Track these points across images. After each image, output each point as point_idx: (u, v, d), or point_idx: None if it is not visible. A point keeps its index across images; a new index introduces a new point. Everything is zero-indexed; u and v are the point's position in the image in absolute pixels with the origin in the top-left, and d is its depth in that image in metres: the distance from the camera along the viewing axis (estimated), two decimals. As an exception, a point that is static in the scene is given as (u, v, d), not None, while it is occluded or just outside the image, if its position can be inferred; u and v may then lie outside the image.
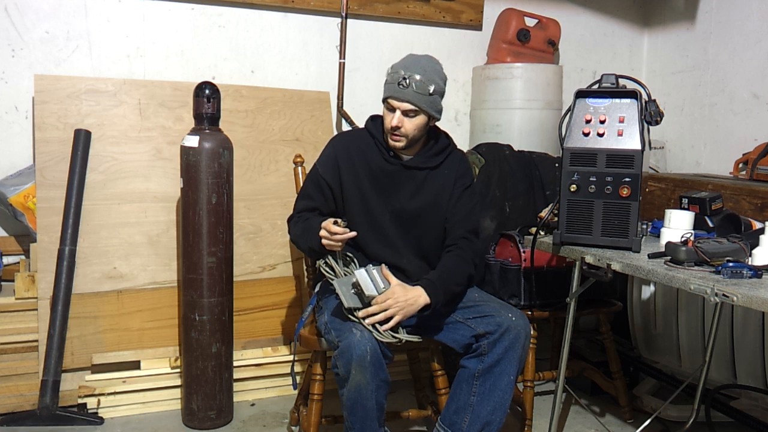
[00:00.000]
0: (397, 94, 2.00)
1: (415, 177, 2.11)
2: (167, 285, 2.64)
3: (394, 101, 2.01)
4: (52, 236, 2.49)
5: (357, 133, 2.21)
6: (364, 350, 1.78)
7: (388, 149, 2.10)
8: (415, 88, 1.99)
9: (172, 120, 2.74)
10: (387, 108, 2.04)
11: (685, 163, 3.48)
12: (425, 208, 2.10)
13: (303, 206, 2.14)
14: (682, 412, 2.52)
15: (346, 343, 1.80)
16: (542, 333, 2.60)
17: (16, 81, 2.69)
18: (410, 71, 2.00)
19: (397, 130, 2.02)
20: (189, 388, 2.43)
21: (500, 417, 1.95)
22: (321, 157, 2.17)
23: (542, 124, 3.17)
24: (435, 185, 2.12)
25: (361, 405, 1.82)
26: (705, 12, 3.39)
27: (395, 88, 2.00)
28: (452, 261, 2.05)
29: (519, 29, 3.25)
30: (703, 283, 1.58)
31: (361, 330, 1.83)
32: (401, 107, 2.01)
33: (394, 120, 2.01)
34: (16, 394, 2.43)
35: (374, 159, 2.11)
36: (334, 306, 1.98)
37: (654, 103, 1.93)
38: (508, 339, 1.91)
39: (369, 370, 1.78)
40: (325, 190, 2.11)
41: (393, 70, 2.04)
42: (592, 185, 1.93)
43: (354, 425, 1.86)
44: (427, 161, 2.12)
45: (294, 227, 2.12)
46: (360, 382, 1.79)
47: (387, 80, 2.05)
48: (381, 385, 1.83)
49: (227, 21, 2.98)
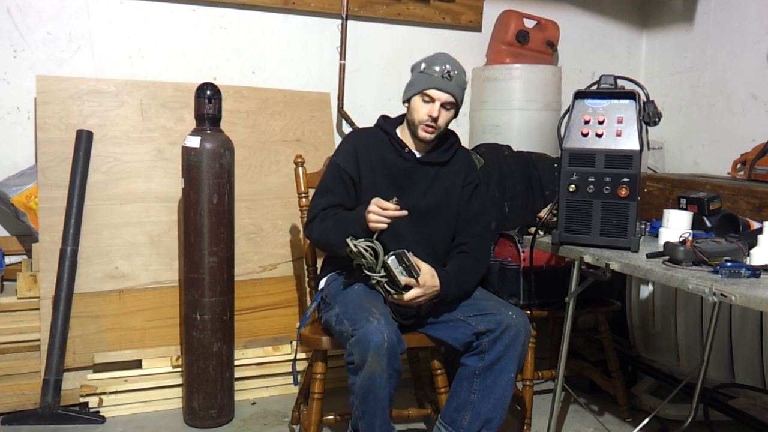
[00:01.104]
0: (442, 86, 2.04)
1: (427, 173, 2.13)
2: (169, 284, 2.65)
3: (435, 92, 2.04)
4: (54, 236, 2.50)
5: (371, 131, 2.22)
6: (382, 338, 1.78)
7: (403, 146, 2.13)
8: (457, 82, 2.07)
9: (174, 120, 2.75)
10: (423, 100, 2.06)
11: (684, 163, 3.49)
12: (437, 205, 2.13)
13: (326, 202, 2.11)
14: (680, 410, 2.53)
15: (363, 331, 1.80)
16: (541, 332, 2.61)
17: (19, 82, 2.70)
18: (450, 65, 2.07)
19: (434, 122, 2.06)
20: (190, 387, 2.44)
21: (501, 414, 1.96)
22: (339, 152, 2.17)
23: (541, 125, 3.18)
24: (445, 182, 2.16)
25: (373, 394, 1.82)
26: (703, 13, 3.40)
27: (439, 80, 2.04)
28: (470, 263, 2.10)
29: (518, 30, 3.26)
30: (702, 283, 1.59)
31: (377, 319, 1.82)
32: (442, 98, 2.05)
33: (434, 111, 2.05)
34: (18, 393, 2.44)
35: (390, 156, 2.13)
36: (347, 297, 1.99)
37: (652, 104, 1.94)
38: (508, 336, 1.93)
39: (385, 357, 1.78)
40: (348, 183, 2.11)
41: (428, 64, 2.08)
42: (591, 185, 1.94)
43: (365, 414, 1.85)
44: (438, 157, 2.16)
45: (320, 224, 2.07)
46: (375, 369, 1.79)
47: (421, 72, 2.08)
48: (393, 375, 1.83)
49: (228, 22, 3.00)
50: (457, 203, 2.17)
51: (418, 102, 2.08)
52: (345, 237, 1.93)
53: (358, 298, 1.97)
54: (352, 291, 2.03)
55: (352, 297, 1.99)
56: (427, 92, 2.06)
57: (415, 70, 2.13)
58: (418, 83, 2.08)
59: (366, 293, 2.00)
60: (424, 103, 2.07)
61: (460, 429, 1.97)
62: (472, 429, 1.95)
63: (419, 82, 2.08)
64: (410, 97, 2.11)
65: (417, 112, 2.08)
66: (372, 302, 1.94)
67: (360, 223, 1.94)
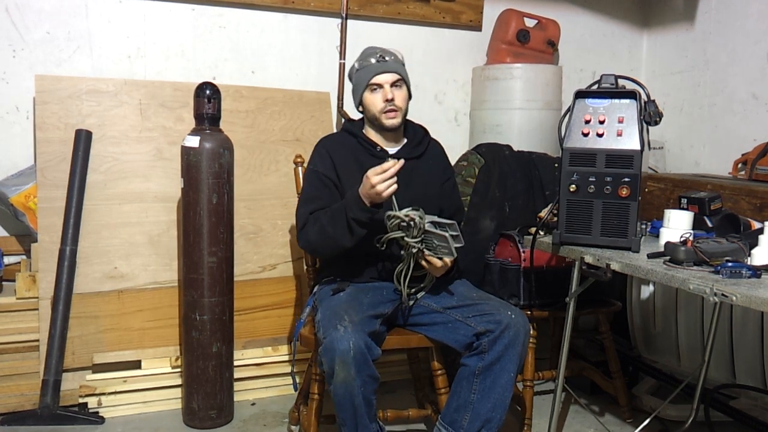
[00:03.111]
0: (381, 69, 2.09)
1: (403, 168, 2.05)
2: (168, 285, 2.64)
3: (379, 77, 2.09)
4: (53, 236, 2.49)
5: (339, 137, 2.25)
6: (347, 346, 1.77)
7: (374, 145, 2.15)
8: (394, 60, 2.12)
9: (173, 120, 2.74)
10: (372, 90, 2.10)
11: (685, 163, 3.49)
12: (416, 199, 2.06)
13: (312, 208, 2.09)
14: (681, 411, 2.52)
15: (330, 339, 1.80)
16: (542, 333, 2.61)
17: (17, 81, 2.69)
18: (381, 51, 2.13)
19: (392, 103, 2.08)
20: (189, 388, 2.43)
21: (500, 414, 1.95)
22: (314, 159, 2.19)
23: (542, 125, 3.17)
24: (422, 177, 2.17)
25: (349, 401, 1.82)
26: (704, 12, 3.39)
27: (377, 66, 2.10)
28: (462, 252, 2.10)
29: (518, 30, 3.26)
30: (702, 283, 1.59)
31: (345, 326, 1.81)
32: (388, 79, 2.10)
33: (387, 94, 2.09)
34: (17, 394, 2.43)
35: (362, 157, 2.14)
36: (330, 303, 1.99)
37: (653, 104, 1.93)
38: (508, 336, 1.92)
39: (353, 365, 1.77)
40: (331, 186, 2.12)
41: (361, 61, 2.14)
42: (592, 185, 1.94)
43: (345, 421, 1.87)
44: (411, 152, 2.18)
45: (313, 226, 2.06)
46: (345, 378, 1.79)
47: (361, 68, 2.13)
48: (367, 381, 1.82)
49: (228, 21, 2.99)
50: (436, 197, 2.19)
51: (369, 97, 2.12)
52: (346, 224, 1.96)
53: (339, 305, 1.96)
54: (337, 298, 2.02)
55: (333, 303, 1.98)
56: (372, 81, 2.09)
57: (353, 73, 2.19)
58: (360, 81, 2.13)
59: (349, 300, 1.98)
60: (374, 93, 2.11)
61: (460, 429, 1.96)
62: (472, 429, 1.95)
63: (361, 78, 2.13)
64: (360, 98, 2.15)
65: (373, 105, 2.11)
66: (349, 309, 1.91)
67: (358, 204, 1.93)
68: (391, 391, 2.79)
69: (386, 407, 2.21)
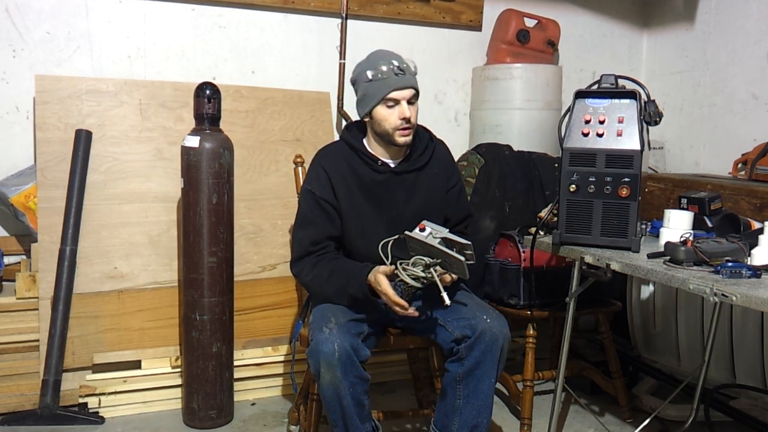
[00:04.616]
0: (400, 84, 1.93)
1: (404, 180, 2.06)
2: (168, 285, 2.64)
3: (397, 93, 1.93)
4: (53, 236, 2.49)
5: (338, 149, 2.10)
6: (332, 348, 1.76)
7: (375, 159, 2.05)
8: (409, 72, 1.98)
9: (173, 120, 2.74)
10: (388, 106, 1.95)
11: (684, 163, 3.49)
12: (419, 212, 2.03)
13: (310, 237, 2.01)
14: (681, 411, 2.52)
15: (315, 341, 1.80)
16: (542, 332, 2.60)
17: (17, 81, 2.69)
18: (396, 60, 1.96)
19: (408, 122, 1.96)
20: (189, 388, 2.43)
21: (486, 419, 1.96)
22: (311, 179, 2.06)
23: (542, 125, 3.17)
24: (426, 186, 2.09)
25: (336, 402, 1.82)
26: (704, 12, 3.39)
27: (395, 80, 1.93)
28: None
29: (518, 30, 3.26)
30: (702, 283, 1.59)
31: (330, 328, 1.80)
32: (406, 96, 1.95)
33: (405, 112, 1.94)
34: (17, 394, 2.43)
35: (363, 171, 2.03)
36: (321, 305, 1.99)
37: (653, 104, 1.93)
38: (483, 342, 1.88)
39: (338, 368, 1.76)
40: (329, 210, 2.02)
41: (374, 69, 1.95)
42: (592, 185, 1.94)
43: (336, 422, 1.86)
44: (414, 164, 2.07)
45: (312, 270, 1.98)
46: (332, 380, 1.78)
47: (371, 81, 1.95)
48: (356, 382, 1.81)
49: (228, 22, 2.99)
50: (440, 205, 2.11)
51: (382, 111, 1.96)
52: (344, 292, 1.92)
53: (327, 307, 1.96)
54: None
55: (323, 306, 1.98)
56: (390, 96, 1.93)
57: (361, 81, 1.99)
58: (374, 92, 1.95)
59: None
60: (390, 109, 1.95)
61: None
62: None
63: (375, 90, 1.95)
64: (370, 109, 1.98)
65: (386, 121, 1.96)
66: (336, 311, 1.91)
67: (362, 288, 1.88)
68: (391, 391, 2.79)
69: (386, 407, 2.21)
